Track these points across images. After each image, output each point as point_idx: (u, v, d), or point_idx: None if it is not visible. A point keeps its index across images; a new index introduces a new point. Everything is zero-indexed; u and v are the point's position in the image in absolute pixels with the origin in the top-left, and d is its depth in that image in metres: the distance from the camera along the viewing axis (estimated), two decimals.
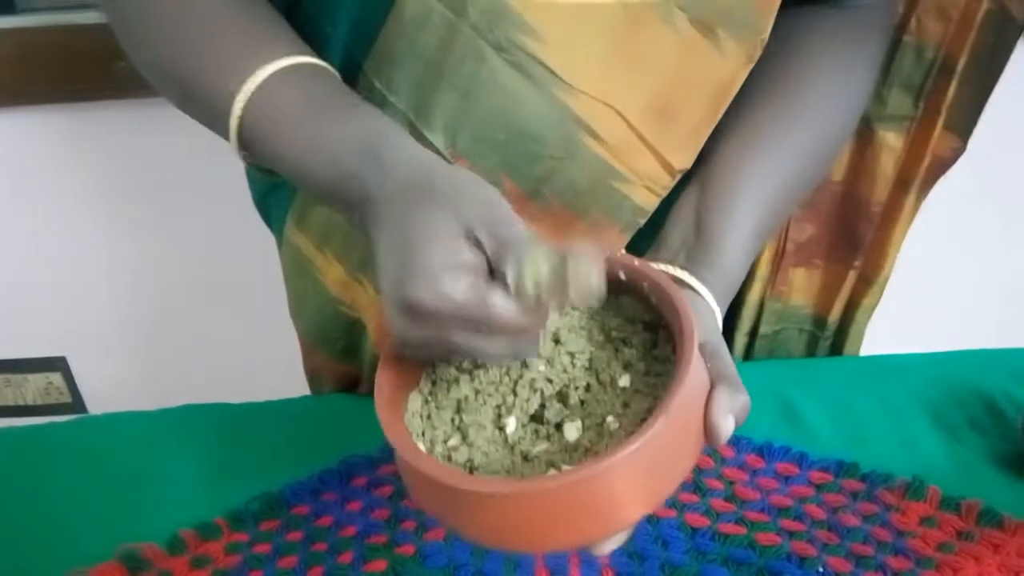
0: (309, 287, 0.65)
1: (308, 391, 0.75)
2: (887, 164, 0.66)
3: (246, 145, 0.47)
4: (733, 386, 0.39)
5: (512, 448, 0.39)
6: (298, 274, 0.66)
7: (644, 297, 0.41)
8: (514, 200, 0.53)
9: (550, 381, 0.40)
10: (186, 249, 1.13)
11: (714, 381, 0.39)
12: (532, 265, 0.35)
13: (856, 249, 0.70)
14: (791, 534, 0.52)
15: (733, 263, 0.48)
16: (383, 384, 0.39)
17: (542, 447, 0.38)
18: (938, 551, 0.50)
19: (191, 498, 0.56)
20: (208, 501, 0.56)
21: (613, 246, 0.55)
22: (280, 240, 0.66)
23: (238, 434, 0.62)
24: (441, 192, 0.38)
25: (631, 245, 0.56)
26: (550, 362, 0.41)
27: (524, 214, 0.53)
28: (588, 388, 0.40)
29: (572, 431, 0.38)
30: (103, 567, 0.51)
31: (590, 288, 0.35)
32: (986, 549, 0.50)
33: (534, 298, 0.35)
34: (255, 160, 0.49)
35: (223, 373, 1.10)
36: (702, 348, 0.40)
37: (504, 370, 0.41)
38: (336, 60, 0.52)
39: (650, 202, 0.54)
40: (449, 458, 0.39)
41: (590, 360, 0.41)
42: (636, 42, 0.49)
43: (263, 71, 0.45)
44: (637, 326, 0.41)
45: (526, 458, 0.38)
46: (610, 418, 0.38)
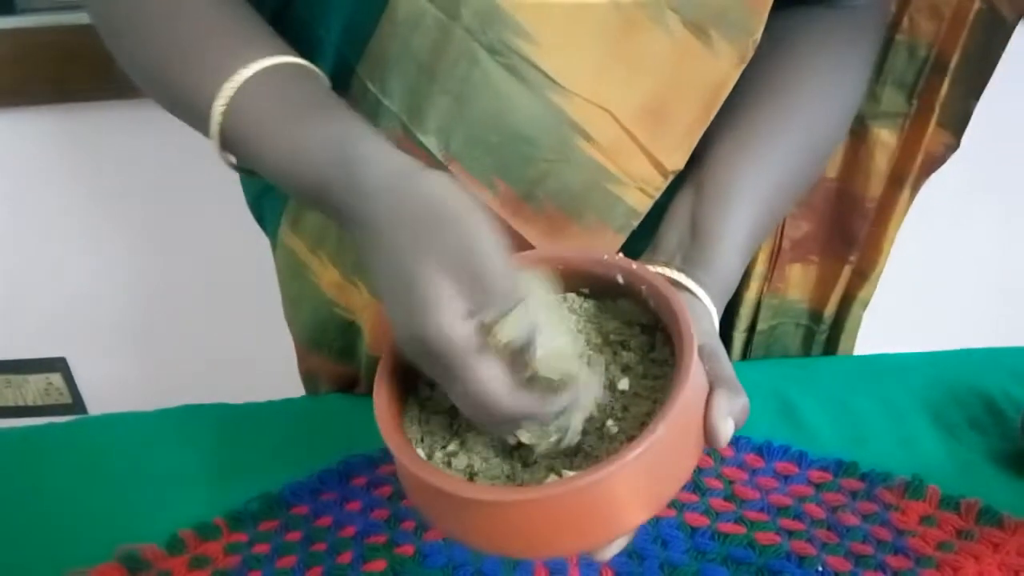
0: (304, 290, 0.65)
1: (306, 392, 0.75)
2: (881, 161, 0.66)
3: (229, 147, 0.47)
4: (732, 388, 0.39)
5: (511, 453, 0.38)
6: (293, 277, 0.65)
7: (642, 300, 0.41)
8: (508, 202, 0.53)
9: None
10: (185, 250, 1.13)
11: (713, 384, 0.39)
12: (507, 327, 0.35)
13: (851, 244, 0.70)
14: (791, 533, 0.52)
15: (729, 264, 0.48)
16: (381, 390, 0.39)
17: (542, 452, 0.38)
18: (938, 550, 0.50)
19: (190, 498, 0.56)
20: (207, 501, 0.56)
21: (608, 248, 0.55)
22: (274, 243, 0.66)
23: (237, 434, 0.62)
24: (420, 230, 0.36)
25: (626, 246, 0.56)
26: None
27: (518, 216, 0.54)
28: None
29: (572, 436, 0.37)
30: (103, 567, 0.51)
31: (553, 370, 0.35)
32: (986, 548, 0.50)
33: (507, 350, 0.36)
34: (239, 162, 0.48)
35: (223, 374, 1.10)
36: (700, 350, 0.40)
37: None
38: (329, 63, 0.52)
39: (643, 204, 0.54)
40: (449, 464, 0.39)
41: (589, 363, 0.40)
42: (629, 44, 0.49)
43: (242, 73, 0.45)
44: (635, 329, 0.41)
45: (525, 463, 0.38)
46: (610, 422, 0.37)
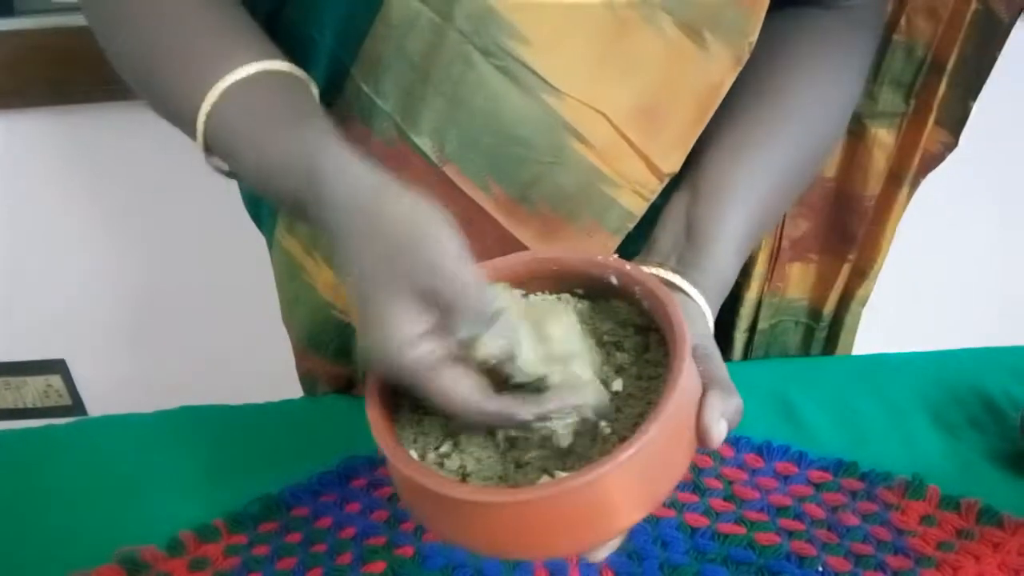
0: (300, 291, 0.65)
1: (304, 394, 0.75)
2: (879, 160, 0.66)
3: (215, 153, 0.47)
4: (725, 389, 0.39)
5: (505, 454, 0.38)
6: (289, 278, 0.65)
7: (636, 301, 0.41)
8: (502, 204, 0.53)
9: None
10: (184, 251, 1.13)
11: (706, 385, 0.39)
12: (481, 350, 0.36)
13: (850, 243, 0.70)
14: (790, 533, 0.52)
15: (725, 266, 0.48)
16: (373, 391, 0.39)
17: (535, 453, 0.38)
18: (938, 550, 0.50)
19: (190, 500, 0.56)
20: (207, 503, 0.56)
21: (602, 250, 0.55)
22: (271, 244, 0.66)
23: (237, 436, 0.62)
24: (377, 252, 0.36)
25: (622, 249, 0.56)
26: None
27: (512, 218, 0.54)
28: None
29: (565, 436, 0.37)
30: (102, 569, 0.51)
31: (531, 375, 0.36)
32: (986, 548, 0.50)
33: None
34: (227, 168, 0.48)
35: (222, 375, 1.10)
36: (694, 352, 0.40)
37: None
38: (323, 65, 0.52)
39: (639, 206, 0.54)
40: (441, 465, 0.38)
41: (589, 365, 0.40)
42: (622, 45, 0.49)
43: (226, 80, 0.45)
44: (629, 330, 0.41)
45: (518, 464, 0.38)
46: (603, 423, 0.37)
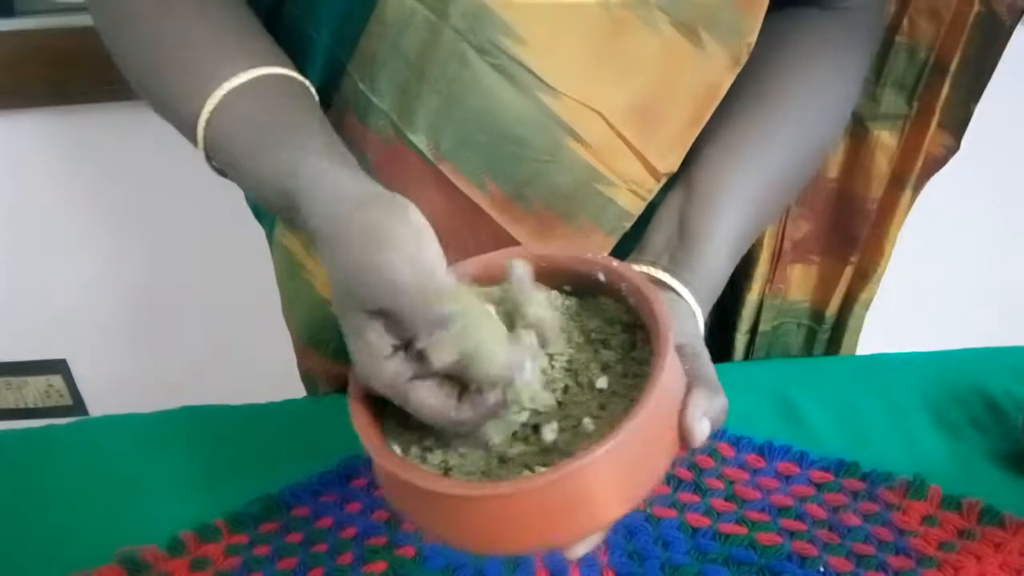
0: (300, 289, 0.65)
1: (306, 393, 0.75)
2: (882, 162, 0.66)
3: (214, 160, 0.48)
4: (711, 389, 0.39)
5: (489, 450, 0.38)
6: (289, 276, 0.66)
7: (623, 298, 0.41)
8: (498, 202, 0.53)
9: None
10: (185, 251, 1.13)
11: (691, 383, 0.39)
12: (435, 352, 0.36)
13: (852, 245, 0.70)
14: (792, 534, 0.52)
15: (717, 266, 0.48)
16: (358, 387, 0.39)
17: (519, 449, 0.38)
18: (939, 550, 0.50)
19: (191, 500, 0.56)
20: (208, 503, 0.56)
21: (598, 250, 0.55)
22: (272, 242, 0.66)
23: (237, 436, 0.62)
24: (347, 276, 0.37)
25: (619, 248, 0.55)
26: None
27: (508, 216, 0.54)
28: (566, 390, 0.39)
29: (549, 433, 0.37)
30: (103, 569, 0.51)
31: (494, 376, 0.36)
32: (987, 548, 0.50)
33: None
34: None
35: (223, 375, 1.10)
36: (681, 350, 0.40)
37: None
38: (320, 63, 0.52)
39: (635, 205, 0.54)
40: (424, 460, 0.39)
41: (569, 361, 0.40)
42: (618, 45, 0.49)
43: (224, 87, 0.46)
44: (616, 328, 0.41)
45: (502, 460, 0.38)
46: (587, 420, 0.37)
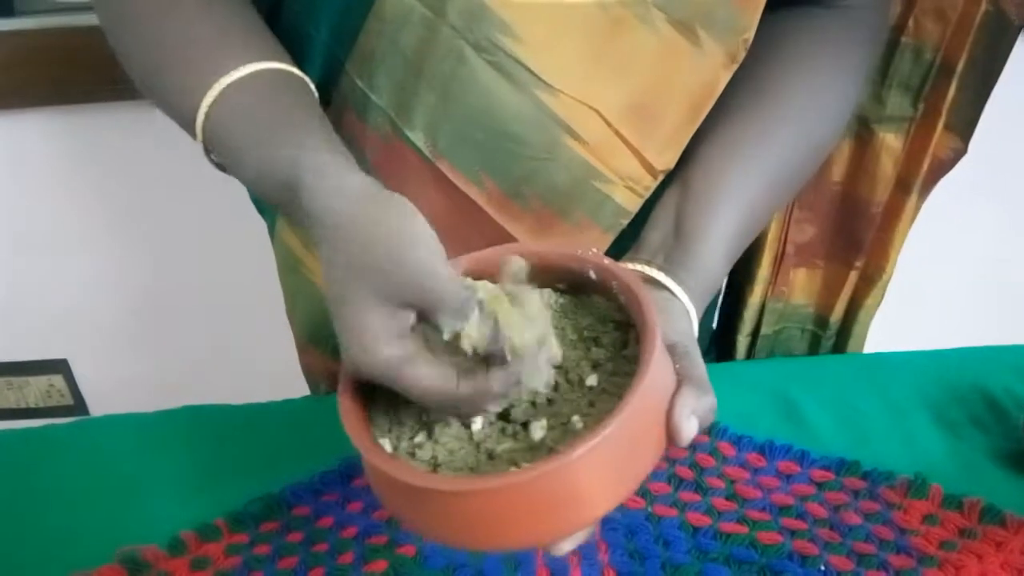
0: (300, 285, 0.65)
1: (308, 390, 0.75)
2: (887, 165, 0.66)
3: (213, 152, 0.48)
4: (700, 388, 0.39)
5: (478, 446, 0.38)
6: (290, 272, 0.66)
7: (614, 296, 0.41)
8: (495, 199, 0.53)
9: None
10: (186, 251, 1.13)
11: (680, 382, 0.39)
12: (468, 333, 0.36)
13: (857, 250, 0.70)
14: (793, 533, 0.52)
15: (712, 265, 0.48)
16: (348, 382, 0.39)
17: (507, 445, 0.38)
18: (940, 549, 0.50)
19: (191, 500, 0.56)
20: (208, 502, 0.56)
21: (595, 247, 0.55)
22: (273, 237, 0.66)
23: (239, 435, 0.62)
24: (352, 262, 0.37)
25: (617, 246, 0.55)
26: None
27: (506, 213, 0.54)
28: (556, 387, 0.39)
29: (538, 430, 0.37)
30: (104, 569, 0.51)
31: (525, 346, 0.36)
32: (988, 547, 0.50)
33: (474, 353, 0.36)
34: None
35: (224, 375, 1.10)
36: (672, 349, 0.40)
37: None
38: (319, 61, 0.52)
39: (632, 203, 0.54)
40: (413, 455, 0.39)
41: (561, 359, 0.40)
42: (615, 42, 0.49)
43: (223, 82, 0.46)
44: (608, 326, 0.41)
45: (491, 456, 0.38)
46: (575, 417, 0.37)
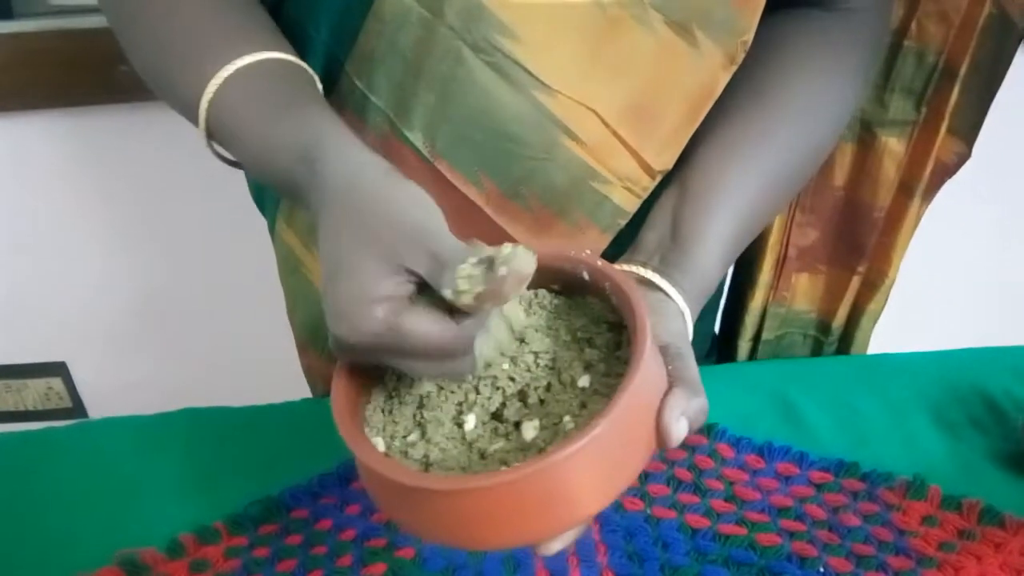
0: (300, 285, 0.65)
1: (308, 393, 0.75)
2: (889, 169, 0.65)
3: (216, 139, 0.48)
4: (691, 389, 0.39)
5: (470, 446, 0.38)
6: (290, 272, 0.66)
7: (607, 297, 0.41)
8: (494, 199, 0.53)
9: (512, 380, 0.40)
10: (185, 254, 1.13)
11: (672, 383, 0.39)
12: (463, 274, 0.35)
13: (859, 254, 0.69)
14: (792, 534, 0.52)
15: (708, 267, 0.48)
16: (341, 377, 0.40)
17: (498, 445, 0.38)
18: (939, 550, 0.50)
19: (190, 502, 0.56)
20: (207, 505, 0.56)
21: (593, 247, 0.55)
22: (273, 236, 0.66)
23: (237, 438, 0.62)
24: (363, 223, 0.37)
25: (615, 247, 0.55)
26: (514, 361, 0.41)
27: (504, 213, 0.54)
28: (549, 388, 0.40)
29: (529, 430, 0.37)
30: (103, 572, 0.51)
31: (521, 273, 0.35)
32: (988, 548, 0.50)
33: (475, 300, 0.35)
34: (228, 155, 0.50)
35: (223, 377, 1.10)
36: (665, 350, 0.40)
37: None
38: (319, 61, 0.52)
39: (630, 203, 0.54)
40: (406, 454, 0.39)
41: (553, 360, 0.40)
42: (613, 43, 0.50)
43: (227, 69, 0.46)
44: (602, 327, 0.41)
45: (483, 456, 0.38)
46: (567, 418, 0.37)
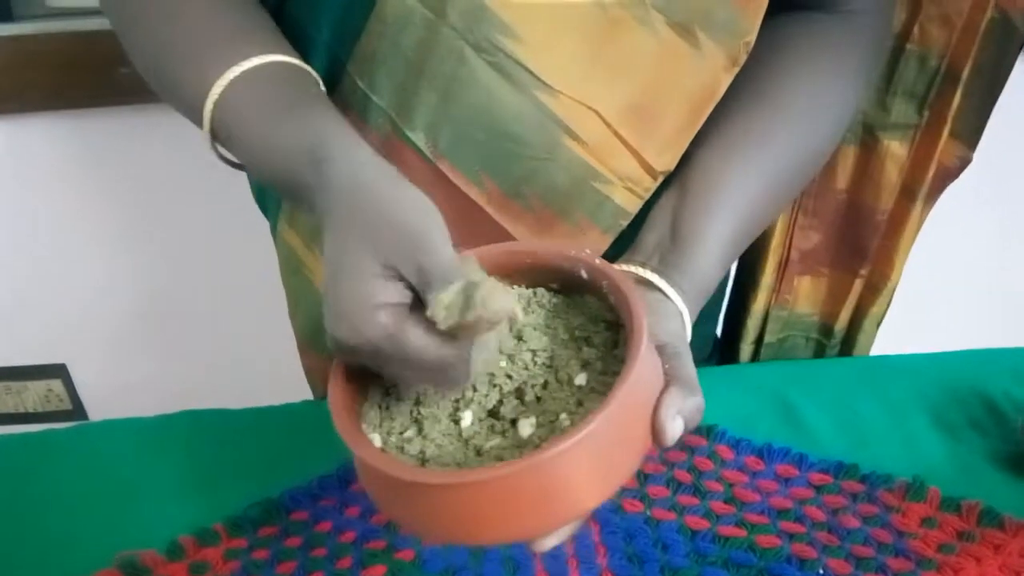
0: (302, 286, 0.65)
1: (307, 394, 0.75)
2: (892, 172, 0.65)
3: (220, 142, 0.48)
4: (687, 388, 0.39)
5: (467, 442, 0.39)
6: (291, 273, 0.66)
7: (604, 296, 0.41)
8: (495, 199, 0.54)
9: (510, 377, 0.40)
10: (185, 256, 1.13)
11: (668, 382, 0.39)
12: (443, 303, 0.36)
13: (862, 257, 0.69)
14: (791, 536, 0.52)
15: (707, 268, 0.48)
16: (338, 373, 0.40)
17: (494, 442, 0.38)
18: (939, 552, 0.50)
19: (189, 504, 0.56)
20: (207, 507, 0.56)
21: (594, 248, 0.55)
22: (275, 237, 0.66)
23: (237, 440, 0.62)
24: (368, 224, 0.37)
25: (616, 248, 0.55)
26: (512, 358, 0.41)
27: (506, 213, 0.54)
28: (545, 385, 0.40)
29: (526, 427, 0.38)
30: (102, 574, 0.51)
31: (497, 311, 0.35)
32: (987, 550, 0.50)
33: (452, 328, 0.36)
34: (232, 158, 0.50)
35: (223, 379, 1.11)
36: (662, 349, 0.40)
37: None
38: (321, 62, 0.52)
39: (632, 204, 0.54)
40: (402, 450, 0.39)
41: (551, 358, 0.41)
42: (614, 44, 0.50)
43: (233, 71, 0.46)
44: (600, 325, 0.41)
45: (479, 452, 0.38)
46: (563, 415, 0.38)
